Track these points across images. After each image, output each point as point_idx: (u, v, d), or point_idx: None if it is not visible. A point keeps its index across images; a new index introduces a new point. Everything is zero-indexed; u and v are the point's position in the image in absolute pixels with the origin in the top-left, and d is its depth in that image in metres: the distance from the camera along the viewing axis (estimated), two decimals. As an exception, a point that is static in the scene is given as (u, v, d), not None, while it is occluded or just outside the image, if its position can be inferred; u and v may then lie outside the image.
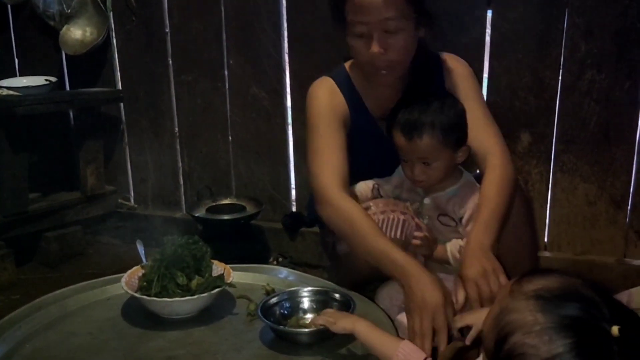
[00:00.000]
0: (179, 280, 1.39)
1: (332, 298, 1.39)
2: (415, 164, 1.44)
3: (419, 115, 1.40)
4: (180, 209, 2.62)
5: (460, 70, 1.59)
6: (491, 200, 1.41)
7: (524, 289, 0.82)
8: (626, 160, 1.96)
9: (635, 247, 2.02)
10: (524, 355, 0.77)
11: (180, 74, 2.47)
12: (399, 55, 1.45)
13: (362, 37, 1.43)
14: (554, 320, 0.77)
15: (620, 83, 1.91)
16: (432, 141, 1.39)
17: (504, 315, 0.81)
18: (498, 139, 1.53)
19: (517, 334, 0.78)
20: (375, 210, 1.46)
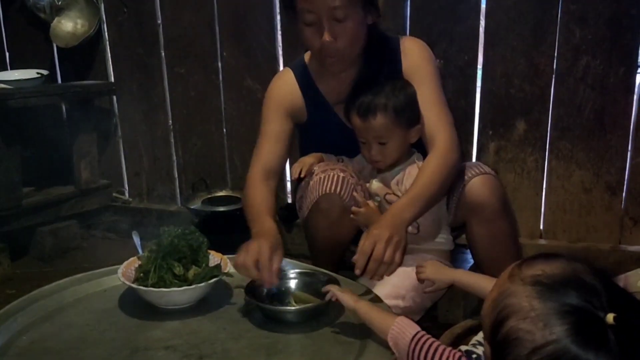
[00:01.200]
0: (175, 271, 1.38)
1: (319, 279, 1.41)
2: (372, 145, 1.53)
3: (372, 98, 1.50)
4: (175, 202, 2.61)
5: (417, 53, 1.60)
6: (424, 180, 1.44)
7: (523, 274, 0.81)
8: (621, 146, 1.97)
9: (630, 233, 2.03)
10: (519, 340, 0.77)
11: (173, 66, 2.45)
12: (348, 43, 1.49)
13: (311, 25, 1.47)
14: (550, 307, 0.76)
15: (615, 69, 1.91)
16: (385, 120, 1.49)
17: (502, 299, 0.81)
18: (446, 123, 1.54)
19: (513, 319, 0.78)
20: (317, 171, 1.56)
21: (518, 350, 0.77)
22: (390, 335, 1.08)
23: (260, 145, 1.67)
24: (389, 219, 1.36)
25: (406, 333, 1.05)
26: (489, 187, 1.53)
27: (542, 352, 0.75)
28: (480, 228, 1.55)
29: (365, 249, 1.30)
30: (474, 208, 1.54)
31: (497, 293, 0.83)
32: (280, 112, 1.66)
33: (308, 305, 1.31)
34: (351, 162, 1.65)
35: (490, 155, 2.07)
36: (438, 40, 1.68)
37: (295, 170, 1.61)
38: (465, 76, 2.04)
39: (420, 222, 1.49)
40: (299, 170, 1.60)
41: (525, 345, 0.76)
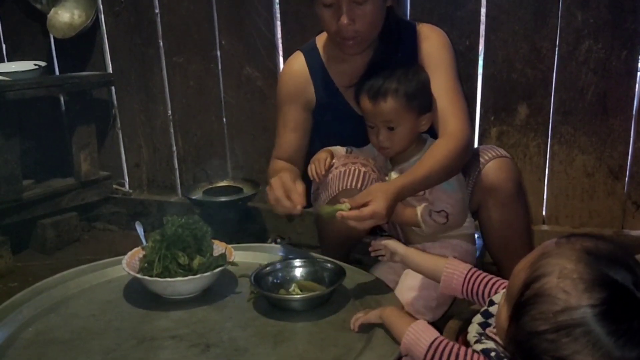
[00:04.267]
0: (180, 260, 1.38)
1: (324, 268, 1.41)
2: (381, 129, 1.50)
3: (384, 81, 1.47)
4: (175, 192, 2.60)
5: (434, 40, 1.58)
6: (431, 163, 1.42)
7: (572, 242, 0.83)
8: (624, 130, 1.96)
9: (633, 218, 2.03)
10: (552, 297, 0.78)
11: (171, 56, 2.43)
12: (367, 26, 1.47)
13: (330, 7, 1.45)
14: (594, 274, 0.78)
15: (617, 52, 1.90)
16: (395, 104, 1.46)
17: (545, 258, 0.82)
18: (459, 110, 1.51)
19: (553, 276, 0.79)
20: (337, 164, 1.53)
21: (546, 307, 0.78)
22: (403, 344, 1.07)
23: (279, 135, 1.71)
24: (392, 199, 1.34)
25: (421, 340, 1.03)
26: (505, 170, 1.53)
27: (571, 314, 0.76)
28: (494, 212, 1.54)
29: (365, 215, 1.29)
30: (490, 191, 1.53)
31: (540, 253, 0.84)
32: (293, 102, 1.66)
33: (314, 293, 1.31)
34: (361, 151, 1.62)
35: (492, 141, 2.06)
36: (439, 25, 1.65)
37: (312, 171, 1.56)
38: (467, 61, 2.03)
39: (450, 212, 1.48)
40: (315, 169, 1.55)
41: (556, 303, 0.77)
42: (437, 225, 1.50)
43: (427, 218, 1.49)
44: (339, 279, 1.34)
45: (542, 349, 0.78)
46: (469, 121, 1.53)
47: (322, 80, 1.65)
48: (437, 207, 1.49)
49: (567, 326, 0.77)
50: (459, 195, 1.50)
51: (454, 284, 1.18)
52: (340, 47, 1.53)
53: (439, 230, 1.52)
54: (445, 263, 1.21)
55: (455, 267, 1.20)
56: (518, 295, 0.82)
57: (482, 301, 1.14)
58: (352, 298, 1.34)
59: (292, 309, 1.30)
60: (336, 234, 1.61)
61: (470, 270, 1.18)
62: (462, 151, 1.46)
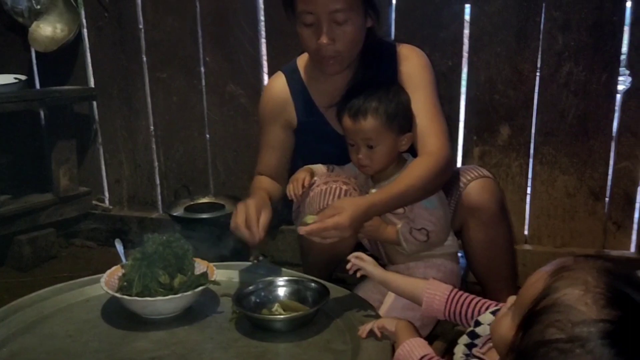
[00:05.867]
0: (161, 279, 1.35)
1: (307, 287, 1.40)
2: (361, 148, 1.51)
3: (364, 100, 1.49)
4: (156, 209, 2.57)
5: (414, 60, 1.60)
6: (408, 182, 1.43)
7: (591, 260, 0.82)
8: (604, 151, 1.99)
9: (614, 238, 2.05)
10: (570, 308, 0.77)
11: (155, 71, 2.42)
12: (347, 46, 1.48)
13: (310, 26, 1.46)
14: (614, 292, 0.77)
15: (597, 75, 1.93)
16: (375, 123, 1.48)
17: (565, 271, 0.81)
18: (439, 130, 1.52)
19: (574, 288, 0.78)
20: (319, 182, 1.53)
21: (563, 316, 0.77)
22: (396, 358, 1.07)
23: (261, 155, 1.73)
24: (362, 214, 1.35)
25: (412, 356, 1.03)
26: (487, 190, 1.54)
27: (589, 327, 0.75)
28: (477, 232, 1.55)
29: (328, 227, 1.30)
30: (473, 211, 1.54)
31: (560, 266, 0.83)
32: (274, 122, 1.68)
33: (297, 314, 1.29)
34: (342, 170, 1.63)
35: (474, 161, 2.08)
36: (422, 46, 1.67)
37: (290, 192, 1.57)
38: (450, 82, 2.05)
39: (430, 229, 1.48)
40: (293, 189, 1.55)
41: (575, 314, 0.76)
42: (418, 242, 1.50)
43: (408, 236, 1.50)
44: (323, 298, 1.32)
45: (550, 358, 0.77)
46: (449, 140, 1.54)
47: (303, 100, 1.65)
48: (417, 225, 1.49)
49: (582, 338, 0.75)
50: (440, 213, 1.51)
51: (435, 305, 1.18)
52: (320, 66, 1.55)
53: (420, 248, 1.52)
54: (426, 285, 1.20)
55: (437, 289, 1.19)
56: (533, 304, 0.81)
57: (465, 322, 1.13)
58: (335, 318, 1.32)
59: (275, 330, 1.28)
60: (319, 253, 1.60)
61: (452, 292, 1.17)
62: (440, 169, 1.46)
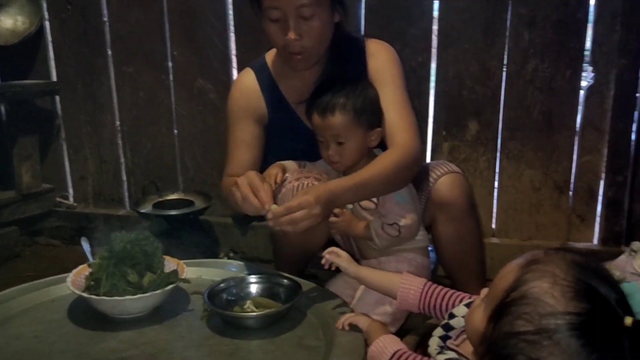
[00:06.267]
0: (129, 278, 1.32)
1: (279, 284, 1.39)
2: (330, 144, 1.51)
3: (332, 96, 1.49)
4: (123, 206, 2.52)
5: (383, 55, 1.60)
6: (374, 172, 1.42)
7: (561, 253, 0.85)
8: (568, 146, 2.03)
9: (578, 230, 2.10)
10: (539, 300, 0.79)
11: (120, 66, 2.37)
12: (314, 41, 1.47)
13: (277, 22, 1.45)
14: (582, 285, 0.79)
15: (562, 71, 1.97)
16: (343, 119, 1.48)
17: (535, 264, 0.83)
18: (408, 124, 1.52)
19: (543, 281, 0.80)
20: (291, 178, 1.52)
21: (532, 308, 0.79)
22: (369, 354, 1.08)
23: (231, 153, 1.65)
24: (326, 195, 1.33)
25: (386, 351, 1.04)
26: (457, 185, 1.55)
27: (556, 319, 0.77)
28: (447, 227, 1.56)
29: (293, 207, 1.29)
30: (443, 206, 1.55)
31: (530, 259, 0.85)
32: (245, 117, 1.63)
33: (270, 310, 1.29)
34: (314, 166, 1.62)
35: (444, 155, 2.10)
36: (392, 42, 1.68)
37: None
38: (419, 77, 2.06)
39: (402, 224, 1.49)
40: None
41: (543, 307, 0.79)
42: (389, 237, 1.51)
43: (380, 231, 1.51)
44: (295, 295, 1.32)
45: (519, 349, 0.79)
46: (418, 134, 1.54)
47: (273, 96, 1.64)
48: (389, 220, 1.50)
49: (549, 330, 0.78)
50: (411, 208, 1.52)
51: (410, 299, 1.19)
52: (288, 62, 1.53)
53: (392, 243, 1.53)
54: (400, 279, 1.22)
55: (411, 282, 1.20)
56: (503, 296, 0.83)
57: (439, 315, 1.15)
58: (308, 314, 1.32)
59: (247, 327, 1.27)
60: (291, 249, 1.60)
61: (426, 285, 1.19)
62: (409, 162, 1.47)
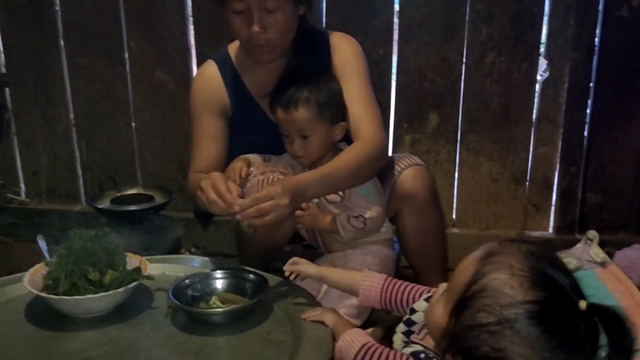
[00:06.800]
0: (90, 276, 1.29)
1: (245, 279, 1.38)
2: (295, 138, 1.51)
3: (295, 90, 1.48)
4: (79, 201, 2.46)
5: (347, 48, 1.59)
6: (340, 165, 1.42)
7: (516, 244, 0.87)
8: (524, 138, 2.09)
9: (533, 220, 2.16)
10: (499, 292, 0.82)
11: (74, 57, 2.29)
12: (279, 34, 1.45)
13: (240, 14, 1.42)
14: (538, 273, 0.82)
15: (518, 65, 2.02)
16: (307, 113, 1.47)
17: (492, 256, 0.86)
18: (373, 117, 1.52)
19: (500, 272, 0.83)
20: (255, 172, 1.50)
21: (492, 300, 0.82)
22: (337, 348, 1.08)
23: (196, 148, 1.61)
24: (293, 187, 1.33)
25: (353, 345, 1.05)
26: (421, 178, 1.57)
27: (516, 308, 0.80)
28: (411, 219, 1.58)
29: (260, 198, 1.28)
30: (407, 198, 1.57)
31: (487, 251, 0.87)
32: (209, 111, 1.60)
33: (237, 306, 1.27)
34: (279, 159, 1.61)
35: (406, 148, 2.12)
36: (354, 34, 1.68)
37: None
38: (381, 70, 2.07)
39: (367, 217, 1.50)
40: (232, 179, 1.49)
41: (503, 297, 0.81)
42: (355, 230, 1.52)
43: (345, 224, 1.51)
44: (262, 289, 1.31)
45: (481, 340, 0.81)
46: (383, 128, 1.55)
47: (236, 89, 1.61)
48: (355, 213, 1.51)
49: (510, 320, 0.80)
50: (376, 200, 1.53)
51: (372, 295, 1.20)
52: (252, 54, 1.52)
53: (357, 235, 1.54)
54: (362, 276, 1.22)
55: (372, 279, 1.21)
56: (463, 290, 0.85)
57: (400, 309, 1.16)
58: (275, 309, 1.31)
59: (214, 323, 1.26)
60: (257, 244, 1.58)
61: (387, 280, 1.20)
62: (374, 155, 1.47)
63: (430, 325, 0.96)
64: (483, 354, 0.81)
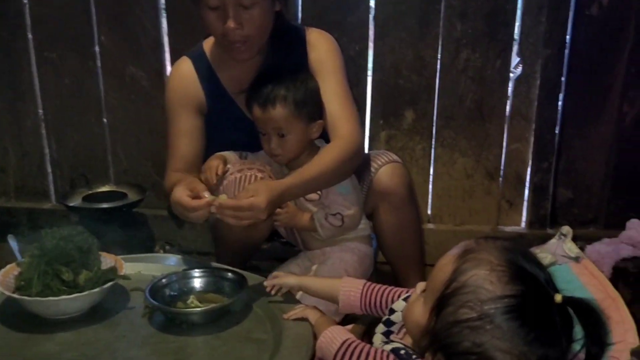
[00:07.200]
0: (64, 277, 1.26)
1: (224, 277, 1.37)
2: (272, 137, 1.50)
3: (273, 88, 1.47)
4: (49, 199, 2.40)
5: (324, 46, 1.60)
6: (320, 167, 1.43)
7: (492, 241, 0.89)
8: (498, 134, 2.11)
9: (506, 215, 2.20)
10: (479, 287, 0.83)
11: (42, 51, 2.23)
12: (255, 31, 1.44)
13: (216, 10, 1.41)
14: (515, 268, 0.84)
15: (492, 62, 2.04)
16: (284, 111, 1.46)
17: (470, 253, 0.87)
18: (350, 115, 1.53)
19: (480, 269, 0.84)
20: (232, 170, 1.50)
21: (472, 296, 0.83)
22: (318, 346, 1.08)
23: (172, 146, 1.59)
24: (277, 196, 1.34)
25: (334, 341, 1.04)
26: (398, 175, 1.58)
27: (496, 303, 0.82)
28: (388, 215, 1.59)
29: (243, 207, 1.28)
30: (384, 195, 1.58)
31: (464, 249, 0.89)
32: (185, 108, 1.58)
33: (216, 305, 1.26)
34: (255, 156, 1.60)
35: (381, 144, 2.13)
36: (330, 30, 1.68)
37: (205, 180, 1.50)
38: (357, 66, 2.07)
39: (345, 214, 1.50)
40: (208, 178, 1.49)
41: (483, 293, 0.83)
42: (333, 228, 1.52)
43: (323, 221, 1.52)
44: (241, 288, 1.30)
45: (463, 336, 0.82)
46: (360, 125, 1.56)
47: (212, 86, 1.60)
48: (332, 210, 1.51)
49: (490, 314, 0.82)
50: (353, 198, 1.53)
51: (352, 301, 1.21)
52: (228, 51, 1.50)
53: (335, 233, 1.54)
54: (341, 283, 1.22)
55: (351, 286, 1.21)
56: (444, 288, 0.86)
57: (381, 312, 1.16)
58: (254, 307, 1.30)
59: (192, 323, 1.24)
60: (234, 242, 1.57)
61: (365, 285, 1.20)
62: (352, 154, 1.48)
63: (409, 324, 0.96)
64: (464, 350, 0.83)
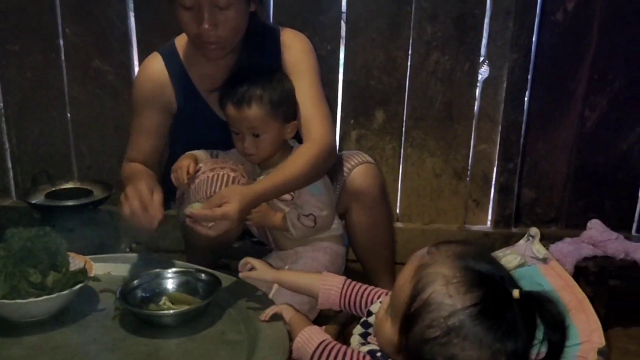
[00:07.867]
0: (31, 278, 1.23)
1: (197, 278, 1.35)
2: (246, 136, 1.49)
3: (248, 87, 1.46)
4: (9, 196, 2.33)
5: (298, 46, 1.59)
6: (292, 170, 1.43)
7: (442, 250, 0.90)
8: (466, 135, 2.15)
9: (473, 214, 2.24)
10: (440, 304, 0.84)
11: (4, 43, 2.16)
12: (229, 31, 1.44)
13: (190, 9, 1.39)
14: (470, 276, 0.86)
15: (461, 64, 2.07)
16: (259, 111, 1.46)
17: (424, 269, 0.88)
18: (323, 116, 1.53)
19: (437, 284, 0.86)
20: (204, 169, 1.49)
21: (436, 314, 0.84)
22: (295, 346, 1.08)
23: (133, 138, 1.58)
24: (251, 202, 1.34)
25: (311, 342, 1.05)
26: (370, 175, 1.59)
27: (458, 316, 0.83)
28: (360, 215, 1.61)
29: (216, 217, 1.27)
30: (357, 196, 1.59)
31: (418, 265, 0.89)
32: (150, 105, 1.57)
33: (189, 307, 1.24)
34: (227, 155, 1.59)
35: (352, 144, 2.14)
36: (302, 29, 1.67)
37: (175, 180, 1.51)
38: (329, 66, 2.07)
39: (318, 215, 1.51)
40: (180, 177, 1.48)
41: (445, 308, 0.84)
42: (305, 228, 1.52)
43: (296, 222, 1.52)
44: (215, 289, 1.28)
45: (435, 352, 0.84)
46: (333, 127, 1.57)
47: (183, 84, 1.58)
48: (305, 211, 1.51)
49: (455, 328, 0.83)
50: (326, 199, 1.54)
51: (331, 298, 1.21)
52: (201, 51, 1.49)
53: (308, 233, 1.55)
54: (321, 279, 1.22)
55: (332, 282, 1.21)
56: (406, 308, 0.87)
57: (359, 311, 1.17)
58: (227, 308, 1.29)
59: (165, 325, 1.22)
60: (205, 241, 1.56)
61: (345, 283, 1.21)
62: (325, 156, 1.48)
63: (382, 341, 0.98)
64: None
